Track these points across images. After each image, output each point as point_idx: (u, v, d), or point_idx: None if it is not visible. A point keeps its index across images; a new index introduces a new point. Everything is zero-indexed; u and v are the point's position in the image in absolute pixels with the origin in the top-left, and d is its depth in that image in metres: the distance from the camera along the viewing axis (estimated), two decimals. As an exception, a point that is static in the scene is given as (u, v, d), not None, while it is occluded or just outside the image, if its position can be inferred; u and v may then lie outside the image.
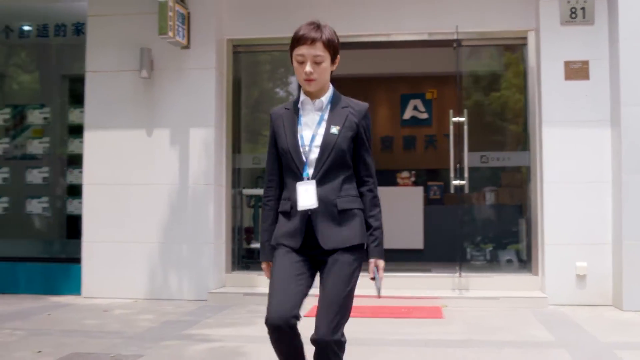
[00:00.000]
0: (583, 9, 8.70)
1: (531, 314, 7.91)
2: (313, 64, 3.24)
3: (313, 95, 3.34)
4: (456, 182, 9.03)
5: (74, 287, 9.35)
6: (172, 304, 8.65)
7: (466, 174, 8.98)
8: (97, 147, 9.40)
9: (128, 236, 9.19)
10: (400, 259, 10.75)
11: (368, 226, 3.37)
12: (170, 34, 8.65)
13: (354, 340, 6.41)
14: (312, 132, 3.29)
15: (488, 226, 10.24)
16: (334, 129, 3.27)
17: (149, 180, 9.23)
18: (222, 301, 8.74)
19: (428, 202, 12.42)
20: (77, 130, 9.90)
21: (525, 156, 9.23)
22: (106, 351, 5.96)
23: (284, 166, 3.33)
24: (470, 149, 9.19)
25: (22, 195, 10.39)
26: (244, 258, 10.01)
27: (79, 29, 10.01)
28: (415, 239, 11.55)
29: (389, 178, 12.70)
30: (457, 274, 9.02)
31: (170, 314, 7.97)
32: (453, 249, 9.43)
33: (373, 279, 3.38)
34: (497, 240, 9.92)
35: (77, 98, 10.04)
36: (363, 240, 3.35)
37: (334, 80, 3.53)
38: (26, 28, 10.66)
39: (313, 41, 3.23)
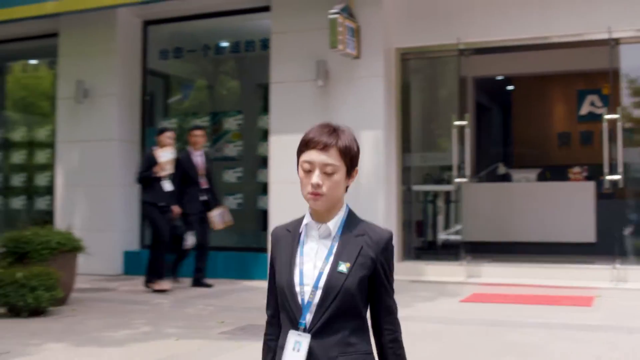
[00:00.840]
0: None
1: (683, 304, 8.15)
2: (322, 174, 2.53)
3: (320, 217, 2.60)
4: (610, 177, 9.36)
5: (263, 273, 10.59)
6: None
7: (620, 169, 9.28)
8: (280, 149, 10.59)
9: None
10: (571, 251, 11.10)
11: None
12: (341, 47, 9.64)
13: (494, 321, 7.12)
14: (316, 268, 2.56)
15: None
16: (343, 267, 2.53)
17: (325, 178, 10.26)
18: (390, 287, 9.57)
19: (602, 196, 12.58)
20: (266, 135, 11.12)
21: (688, 151, 9.38)
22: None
23: (280, 305, 2.62)
24: (630, 145, 9.47)
25: (220, 192, 11.82)
26: (416, 249, 10.84)
27: (265, 44, 11.24)
28: (586, 233, 11.79)
29: (562, 173, 13.00)
30: (614, 266, 9.31)
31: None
32: (618, 242, 9.72)
33: None
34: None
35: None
36: None
37: (514, 79, 3.02)
38: (222, 45, 12.10)
39: (325, 147, 2.55)
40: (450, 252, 10.47)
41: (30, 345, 6.23)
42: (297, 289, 2.51)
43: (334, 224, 2.59)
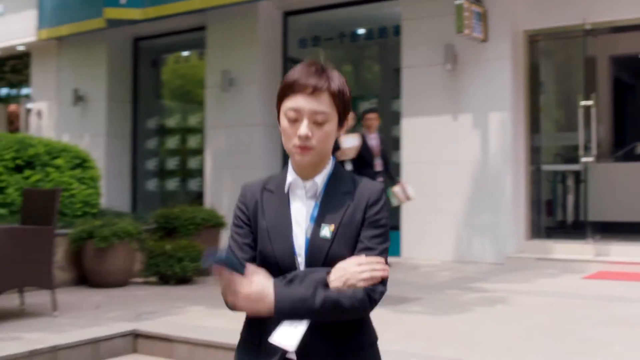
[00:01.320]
0: None
1: None
2: (312, 124, 2.14)
3: (304, 173, 2.21)
4: None
5: (395, 250, 11.07)
6: (473, 266, 9.97)
7: None
8: (412, 131, 11.02)
9: (438, 206, 10.66)
10: None
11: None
12: (467, 32, 9.95)
13: (610, 296, 7.36)
14: (304, 234, 2.18)
15: None
16: (326, 230, 2.15)
17: (454, 158, 10.63)
18: (516, 264, 9.84)
19: None
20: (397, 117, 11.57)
21: None
22: (397, 294, 7.53)
23: None
24: None
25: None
26: (545, 228, 10.98)
27: (397, 30, 11.67)
28: None
29: None
30: None
31: (464, 272, 9.33)
32: None
33: None
34: None
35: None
36: None
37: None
38: (357, 32, 12.66)
39: (316, 90, 2.14)
40: (579, 231, 10.55)
41: (175, 307, 7.03)
42: (298, 259, 2.13)
43: (321, 180, 2.21)
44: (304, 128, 2.11)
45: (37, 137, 9.52)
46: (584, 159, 10.28)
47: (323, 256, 2.11)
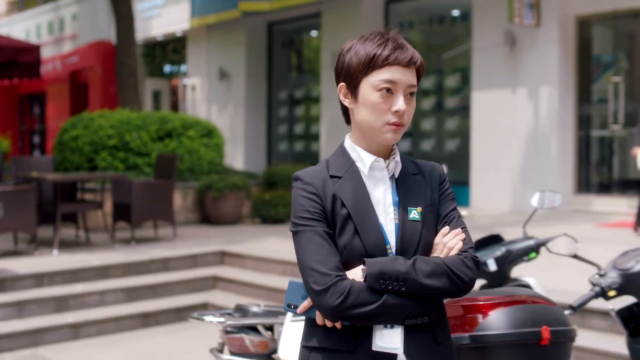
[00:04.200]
0: None
1: None
2: (406, 97, 2.02)
3: (381, 154, 2.07)
4: None
5: (465, 201, 13.29)
6: (523, 215, 11.99)
7: None
8: (479, 103, 13.16)
9: (499, 165, 12.77)
10: None
11: None
12: (517, 20, 11.94)
13: (604, 239, 9.21)
14: (391, 220, 2.02)
15: None
16: (414, 213, 2.02)
17: (512, 125, 12.69)
18: (556, 214, 11.78)
19: None
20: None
21: None
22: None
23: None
24: None
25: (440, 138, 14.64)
26: (586, 184, 12.81)
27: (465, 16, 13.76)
28: None
29: None
30: None
31: (508, 220, 11.39)
32: None
33: None
34: None
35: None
36: None
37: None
38: (444, 16, 14.84)
39: (410, 63, 2.02)
40: (617, 187, 12.32)
41: (258, 238, 9.81)
42: (390, 252, 1.98)
43: (398, 159, 2.08)
44: (401, 102, 1.99)
45: (175, 114, 12.52)
46: (613, 127, 12.04)
47: (416, 240, 1.99)
